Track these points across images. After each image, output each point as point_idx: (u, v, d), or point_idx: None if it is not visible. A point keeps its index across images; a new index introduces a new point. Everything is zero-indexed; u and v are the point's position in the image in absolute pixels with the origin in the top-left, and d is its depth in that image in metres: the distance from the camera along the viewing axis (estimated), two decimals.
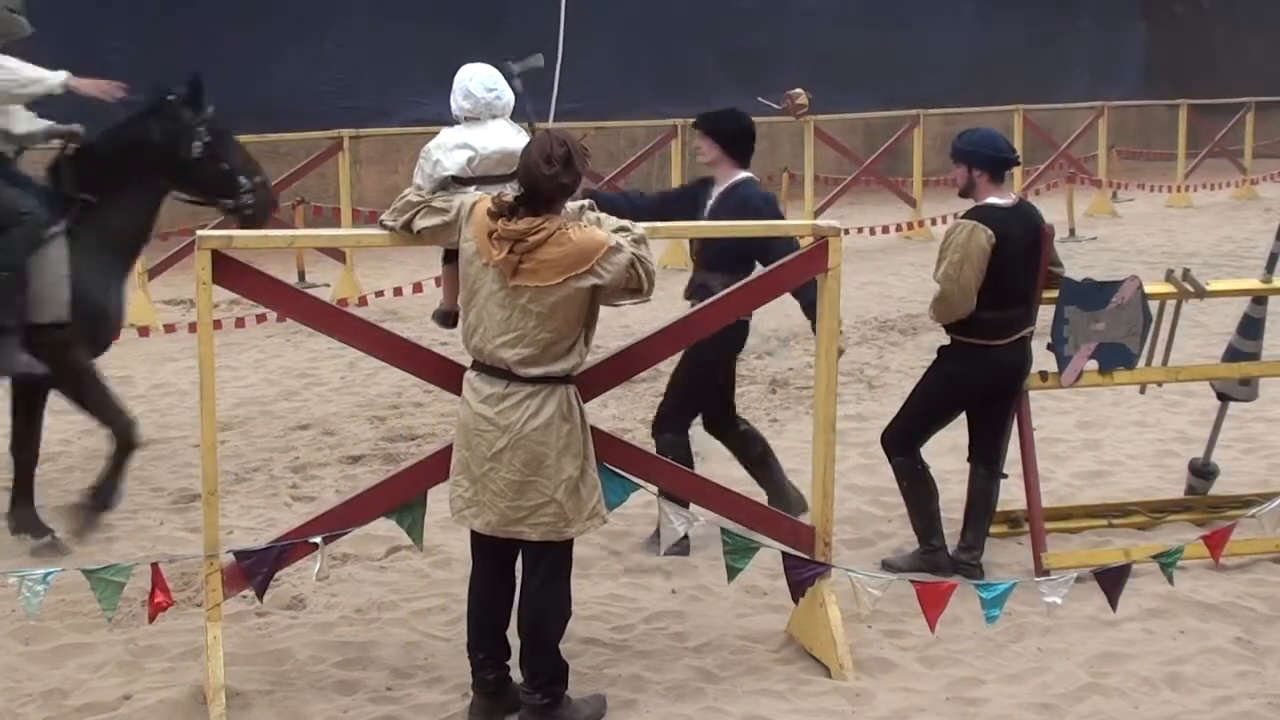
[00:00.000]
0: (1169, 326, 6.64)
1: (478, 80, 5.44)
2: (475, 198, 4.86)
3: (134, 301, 12.42)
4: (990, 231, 6.11)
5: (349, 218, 13.97)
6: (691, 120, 7.62)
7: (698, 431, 8.65)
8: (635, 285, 4.80)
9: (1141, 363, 6.51)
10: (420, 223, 4.91)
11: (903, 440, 6.51)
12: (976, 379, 6.34)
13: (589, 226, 4.76)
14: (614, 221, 4.89)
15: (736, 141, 6.88)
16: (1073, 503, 7.20)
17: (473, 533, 4.94)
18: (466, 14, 19.20)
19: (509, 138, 5.41)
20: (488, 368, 4.77)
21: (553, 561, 4.91)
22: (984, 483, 6.44)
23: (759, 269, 6.14)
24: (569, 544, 4.97)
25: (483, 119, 5.45)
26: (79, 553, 6.63)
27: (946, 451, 8.19)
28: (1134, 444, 8.33)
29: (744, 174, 6.84)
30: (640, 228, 4.91)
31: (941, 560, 6.34)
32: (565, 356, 4.73)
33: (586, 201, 5.01)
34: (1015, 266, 6.16)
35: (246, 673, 5.33)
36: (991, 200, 6.25)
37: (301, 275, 14.21)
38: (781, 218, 6.93)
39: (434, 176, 5.50)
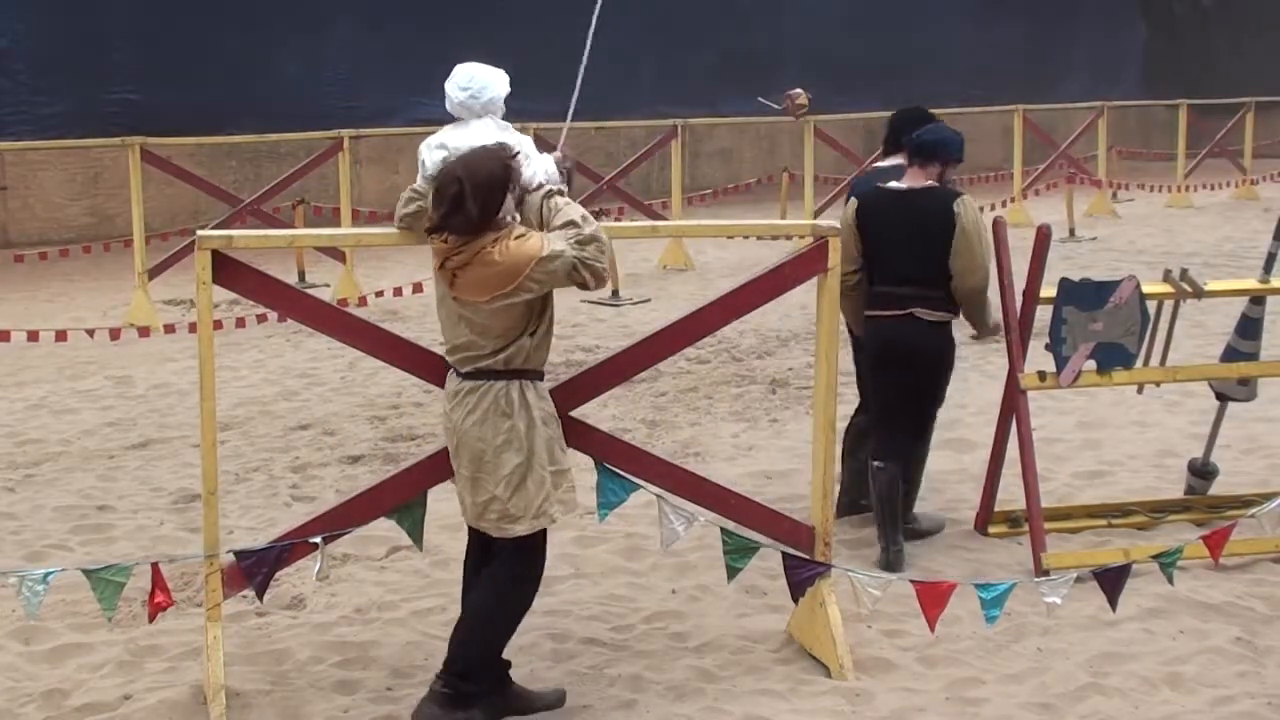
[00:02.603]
0: (1167, 326, 6.65)
1: (453, 82, 5.38)
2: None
3: (134, 301, 12.52)
4: (853, 205, 6.58)
5: (349, 218, 13.99)
6: (691, 120, 7.69)
7: (702, 431, 8.67)
8: (580, 283, 4.74)
9: (1139, 363, 6.51)
10: (400, 210, 4.96)
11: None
12: (867, 349, 6.67)
13: (520, 238, 4.62)
14: (568, 214, 4.77)
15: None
16: (1073, 503, 7.20)
17: None
18: (467, 14, 19.20)
19: (488, 137, 5.28)
20: (451, 366, 4.86)
21: (510, 560, 4.88)
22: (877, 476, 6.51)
23: None
24: (530, 548, 4.88)
25: (465, 119, 5.39)
26: (79, 553, 6.65)
27: (938, 446, 8.22)
28: (1134, 444, 8.32)
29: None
30: (594, 225, 4.76)
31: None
32: (506, 350, 4.71)
33: (549, 188, 4.91)
34: (889, 243, 6.41)
35: (246, 673, 5.33)
36: (893, 181, 6.59)
37: (301, 275, 14.22)
38: None
39: (425, 177, 5.48)
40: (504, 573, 4.91)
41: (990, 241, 6.40)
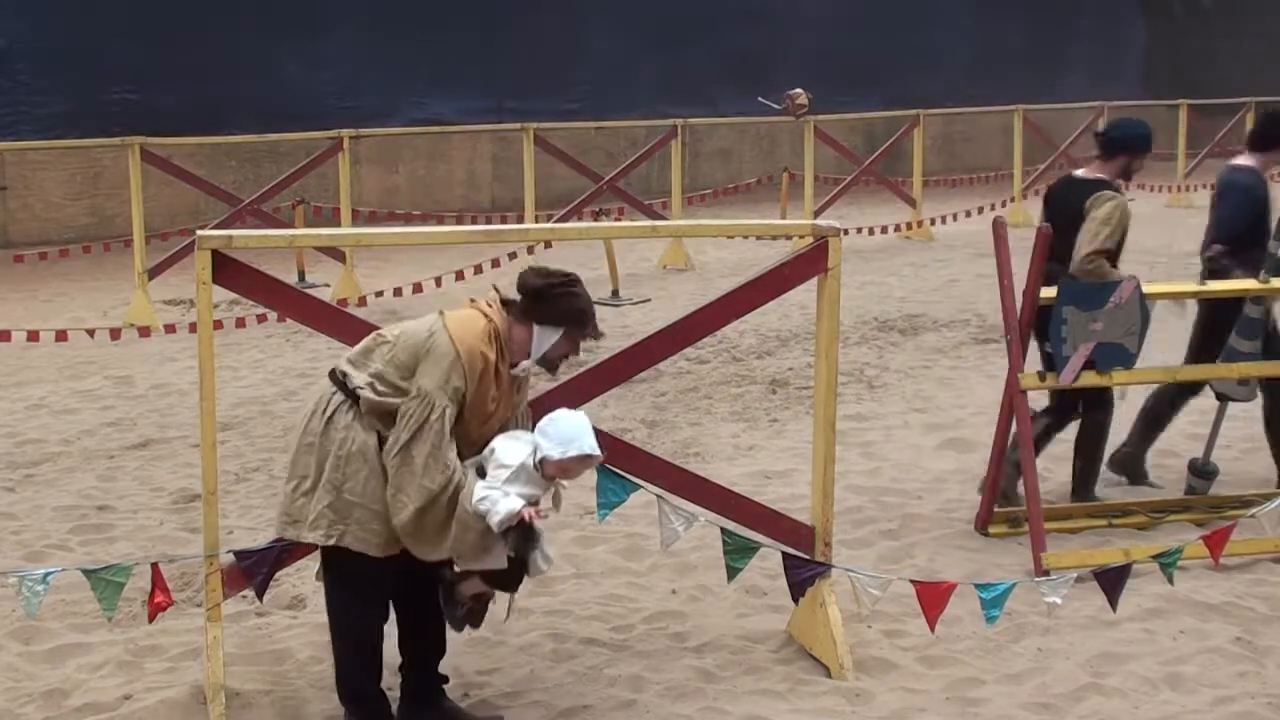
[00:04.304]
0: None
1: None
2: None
3: (134, 301, 12.52)
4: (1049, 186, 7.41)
5: (349, 218, 13.99)
6: (691, 120, 7.82)
7: (702, 431, 8.67)
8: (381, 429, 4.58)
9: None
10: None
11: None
12: None
13: (426, 339, 4.59)
14: (484, 487, 4.53)
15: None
16: (1073, 503, 7.20)
17: None
18: (466, 15, 19.20)
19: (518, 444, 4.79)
20: None
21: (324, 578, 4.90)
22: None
23: None
24: (332, 564, 4.77)
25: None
26: (79, 553, 6.65)
27: (939, 445, 8.22)
28: None
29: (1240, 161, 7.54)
30: (472, 503, 4.51)
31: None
32: (355, 366, 4.75)
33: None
34: (1052, 223, 6.77)
35: (246, 673, 5.33)
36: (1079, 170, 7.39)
37: (301, 275, 14.23)
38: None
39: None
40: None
41: (1107, 235, 6.81)
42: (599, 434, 5.28)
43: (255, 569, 5.02)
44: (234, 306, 12.11)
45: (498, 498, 4.49)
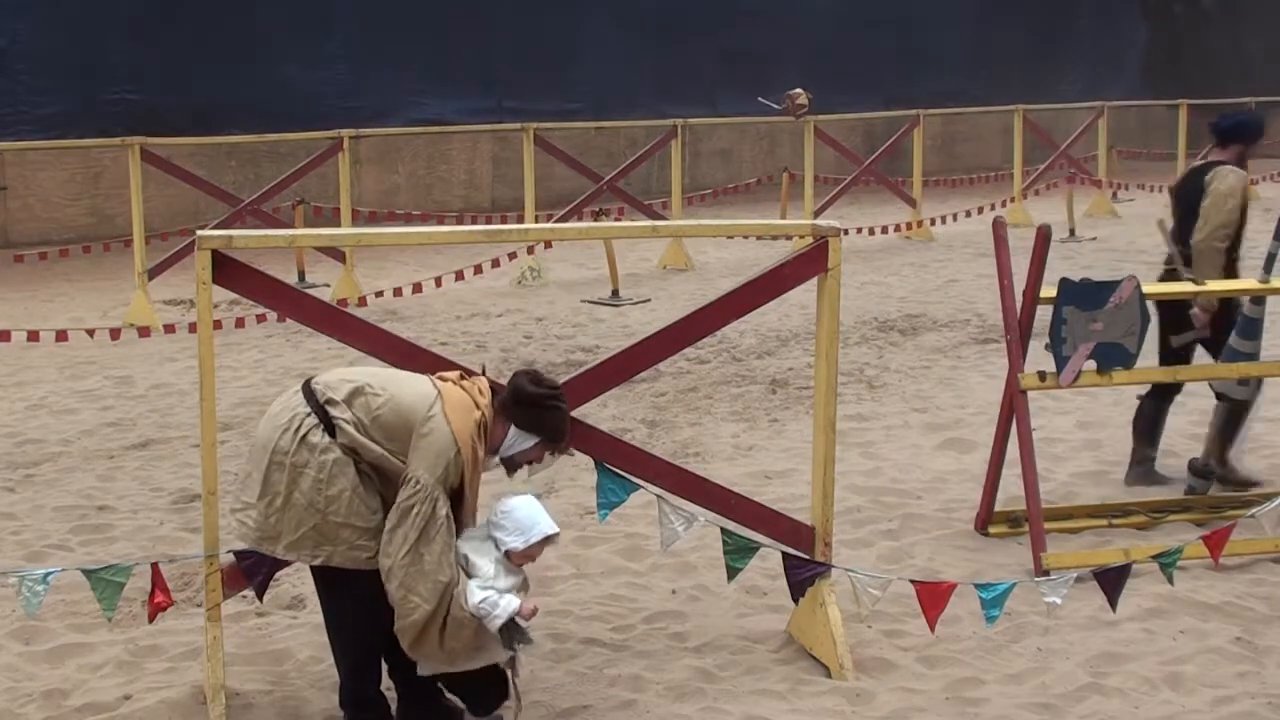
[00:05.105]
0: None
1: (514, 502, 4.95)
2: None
3: (134, 301, 12.52)
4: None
5: (349, 218, 13.99)
6: (691, 120, 7.78)
7: (702, 431, 8.67)
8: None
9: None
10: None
11: None
12: None
13: (443, 427, 4.59)
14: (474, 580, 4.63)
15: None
16: (1073, 503, 7.20)
17: None
18: (465, 15, 19.20)
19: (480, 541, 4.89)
20: None
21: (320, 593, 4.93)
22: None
23: None
24: (330, 577, 4.76)
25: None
26: (79, 553, 6.65)
27: (939, 446, 8.21)
28: None
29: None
30: (471, 605, 4.59)
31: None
32: (337, 399, 4.70)
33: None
34: (1176, 210, 7.56)
35: (246, 673, 5.33)
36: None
37: (301, 275, 14.23)
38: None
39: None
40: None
41: (1233, 208, 7.32)
42: (598, 432, 5.29)
43: (255, 569, 5.02)
44: (234, 306, 12.11)
45: (496, 599, 4.61)
